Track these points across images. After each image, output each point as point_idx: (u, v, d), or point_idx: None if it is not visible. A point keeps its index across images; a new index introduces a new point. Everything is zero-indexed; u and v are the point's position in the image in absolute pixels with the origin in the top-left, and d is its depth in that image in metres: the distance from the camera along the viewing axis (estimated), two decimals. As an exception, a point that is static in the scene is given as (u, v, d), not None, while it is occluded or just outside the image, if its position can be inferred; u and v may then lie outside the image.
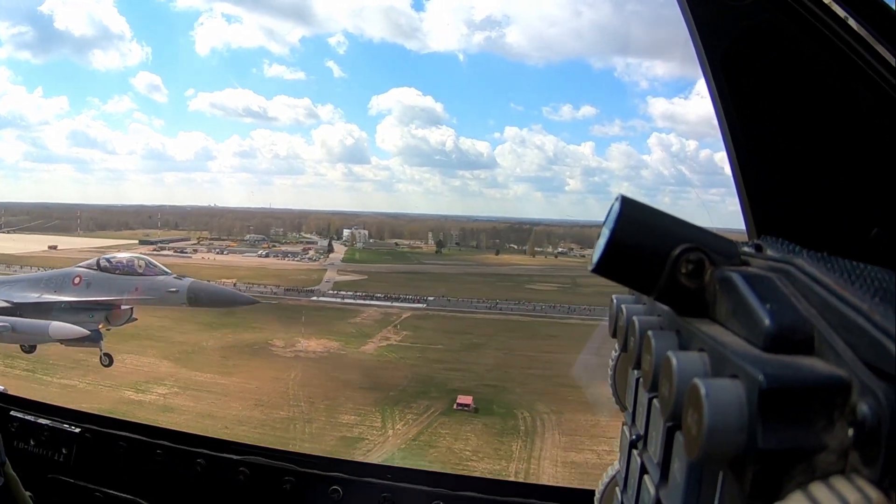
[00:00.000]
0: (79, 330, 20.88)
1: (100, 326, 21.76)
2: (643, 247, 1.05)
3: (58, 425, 3.89)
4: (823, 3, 1.64)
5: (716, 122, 1.80)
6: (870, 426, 0.68)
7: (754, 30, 1.70)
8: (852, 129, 1.74)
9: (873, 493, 0.66)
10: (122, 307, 22.27)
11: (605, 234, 1.07)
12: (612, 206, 1.08)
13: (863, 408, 0.69)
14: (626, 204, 1.07)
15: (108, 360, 22.40)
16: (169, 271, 22.88)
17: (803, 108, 1.76)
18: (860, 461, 0.70)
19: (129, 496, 3.76)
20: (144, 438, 3.81)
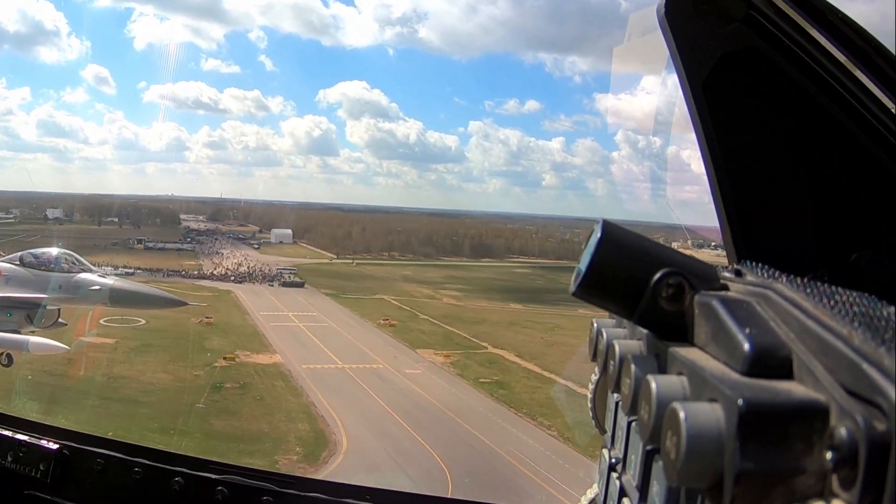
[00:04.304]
0: (58, 345, 20.26)
1: (24, 330, 20.36)
2: (624, 271, 1.05)
3: (35, 441, 3.83)
4: (805, 30, 1.66)
5: (686, 133, 1.81)
6: (848, 450, 0.68)
7: (738, 55, 1.72)
8: (834, 155, 1.76)
9: None
10: (49, 307, 21.04)
11: (586, 258, 1.07)
12: (594, 230, 1.09)
13: (841, 432, 0.69)
14: (608, 228, 1.08)
15: (7, 360, 20.73)
16: (94, 268, 21.94)
17: (785, 134, 1.77)
18: (839, 485, 0.70)
19: None
20: (122, 456, 3.77)
